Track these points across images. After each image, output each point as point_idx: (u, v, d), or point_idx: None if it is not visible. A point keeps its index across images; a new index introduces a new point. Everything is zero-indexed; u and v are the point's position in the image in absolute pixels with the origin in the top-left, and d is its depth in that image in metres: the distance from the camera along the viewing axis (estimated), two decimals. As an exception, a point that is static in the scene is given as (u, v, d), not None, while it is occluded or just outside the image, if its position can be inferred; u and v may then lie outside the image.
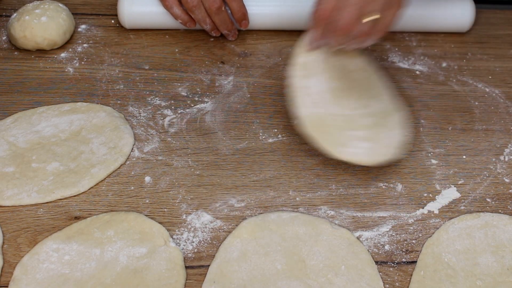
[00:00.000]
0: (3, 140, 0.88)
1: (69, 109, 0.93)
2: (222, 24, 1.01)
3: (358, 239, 0.78)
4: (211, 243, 0.77)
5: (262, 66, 1.05)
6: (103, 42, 1.08)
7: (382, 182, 0.85)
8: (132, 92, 0.98)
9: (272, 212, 0.81)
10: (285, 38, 1.10)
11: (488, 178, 0.86)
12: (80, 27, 1.11)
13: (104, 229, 0.77)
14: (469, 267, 0.75)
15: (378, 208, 0.82)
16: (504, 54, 1.08)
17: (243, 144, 0.91)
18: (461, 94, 1.00)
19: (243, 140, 0.91)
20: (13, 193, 0.81)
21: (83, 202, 0.81)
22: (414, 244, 0.78)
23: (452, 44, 1.10)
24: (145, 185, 0.84)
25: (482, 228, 0.79)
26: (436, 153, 0.90)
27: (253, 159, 0.88)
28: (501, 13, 1.18)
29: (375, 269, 0.74)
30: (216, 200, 0.82)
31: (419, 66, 1.06)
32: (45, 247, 0.75)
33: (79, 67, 1.03)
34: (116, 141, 0.88)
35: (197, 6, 0.99)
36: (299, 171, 0.87)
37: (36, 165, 0.85)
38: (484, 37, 1.12)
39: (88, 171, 0.84)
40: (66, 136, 0.89)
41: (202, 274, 0.74)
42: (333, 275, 0.73)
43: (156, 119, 0.94)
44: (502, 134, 0.93)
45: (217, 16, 0.99)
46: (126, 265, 0.74)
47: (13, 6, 1.16)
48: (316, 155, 0.87)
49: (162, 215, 0.80)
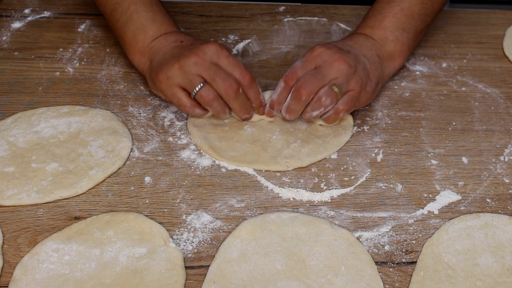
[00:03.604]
0: (3, 140, 0.88)
1: (67, 111, 0.93)
2: (242, 109, 0.89)
3: (358, 240, 0.78)
4: (211, 244, 0.77)
5: (262, 66, 1.05)
6: (103, 42, 1.08)
7: (382, 182, 0.85)
8: (132, 92, 0.99)
9: (272, 212, 0.81)
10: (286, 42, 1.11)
11: (488, 178, 0.86)
12: (80, 27, 1.11)
13: (104, 229, 0.77)
14: (469, 267, 0.75)
15: (378, 209, 0.82)
16: (504, 54, 1.08)
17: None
18: (461, 95, 1.00)
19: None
20: (13, 193, 0.81)
21: (83, 202, 0.81)
22: (414, 245, 0.78)
23: (452, 44, 1.10)
24: (145, 185, 0.84)
25: (482, 228, 0.79)
26: (436, 154, 0.90)
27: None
28: (501, 13, 1.18)
29: (375, 269, 0.74)
30: (216, 200, 0.82)
31: (419, 66, 1.06)
32: (45, 247, 0.75)
33: (79, 67, 1.03)
34: (114, 144, 0.88)
35: (215, 99, 0.86)
36: (299, 171, 0.87)
37: (35, 165, 0.85)
38: (484, 37, 1.12)
39: (86, 173, 0.84)
40: (65, 137, 0.89)
41: (202, 274, 0.74)
42: (333, 276, 0.73)
43: (156, 119, 0.94)
44: (502, 135, 0.93)
45: (236, 102, 0.87)
46: (126, 265, 0.74)
47: (13, 6, 1.16)
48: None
49: (162, 216, 0.80)
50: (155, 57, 0.91)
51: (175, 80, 0.86)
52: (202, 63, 0.85)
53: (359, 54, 0.90)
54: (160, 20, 0.94)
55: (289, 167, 0.86)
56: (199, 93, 0.85)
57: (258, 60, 1.06)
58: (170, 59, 0.88)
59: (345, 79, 0.86)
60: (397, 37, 0.95)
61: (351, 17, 1.16)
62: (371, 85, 0.89)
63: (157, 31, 0.93)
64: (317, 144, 0.89)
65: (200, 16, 1.16)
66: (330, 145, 0.89)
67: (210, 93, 0.85)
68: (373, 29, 0.95)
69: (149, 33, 0.93)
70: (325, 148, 0.89)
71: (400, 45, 0.95)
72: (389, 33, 0.95)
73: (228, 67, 0.86)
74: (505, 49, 1.09)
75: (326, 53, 0.87)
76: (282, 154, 0.87)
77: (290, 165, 0.86)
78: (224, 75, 0.85)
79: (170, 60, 0.87)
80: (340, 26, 1.14)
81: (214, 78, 0.85)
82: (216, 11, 1.17)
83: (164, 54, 0.90)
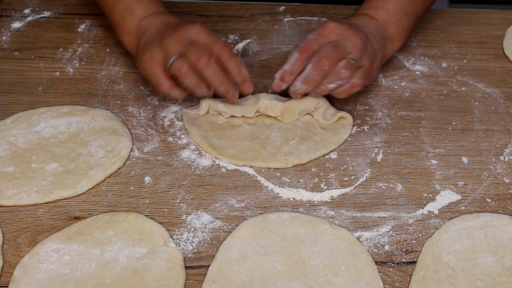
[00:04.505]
0: (4, 140, 0.88)
1: (67, 111, 0.93)
2: (217, 80, 0.85)
3: (358, 239, 0.78)
4: (211, 243, 0.77)
5: (262, 66, 1.05)
6: (103, 42, 1.08)
7: (382, 182, 0.85)
8: (132, 92, 0.99)
9: (272, 212, 0.81)
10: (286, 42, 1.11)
11: (488, 178, 0.86)
12: (80, 27, 1.11)
13: (104, 229, 0.77)
14: (469, 267, 0.75)
15: (378, 208, 0.82)
16: (504, 54, 1.08)
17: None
18: (461, 94, 1.00)
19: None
20: (13, 193, 0.81)
21: (83, 202, 0.81)
22: (414, 245, 0.78)
23: (452, 44, 1.10)
24: (145, 185, 0.84)
25: (482, 228, 0.79)
26: (436, 153, 0.90)
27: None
28: (501, 13, 1.18)
29: (375, 269, 0.74)
30: (216, 200, 0.82)
31: (419, 66, 1.06)
32: (45, 247, 0.75)
33: (79, 67, 1.03)
34: (114, 144, 0.88)
35: (188, 71, 0.84)
36: (299, 171, 0.87)
37: (35, 165, 0.85)
38: (484, 37, 1.12)
39: (86, 173, 0.84)
40: (65, 137, 0.89)
41: (202, 274, 0.74)
42: (333, 275, 0.73)
43: (156, 119, 0.94)
44: (502, 135, 0.93)
45: (208, 70, 0.83)
46: (125, 265, 0.74)
47: (13, 6, 1.16)
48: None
49: (162, 215, 0.80)
50: (142, 37, 0.92)
51: (155, 59, 0.86)
52: (180, 39, 0.85)
53: (367, 32, 0.91)
54: (147, 0, 0.95)
55: (288, 164, 0.86)
56: (172, 66, 0.84)
57: (258, 60, 1.06)
58: (154, 38, 0.88)
59: (360, 54, 0.86)
60: (399, 20, 0.96)
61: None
62: (377, 63, 0.91)
63: (144, 11, 0.94)
64: (315, 141, 0.89)
65: (200, 16, 1.16)
66: (328, 142, 0.89)
67: (184, 65, 0.84)
68: (376, 10, 0.96)
69: (136, 13, 0.94)
70: (324, 145, 0.89)
71: (401, 28, 0.96)
72: (392, 16, 0.96)
73: (207, 43, 0.85)
74: (505, 49, 1.09)
75: (340, 28, 0.87)
76: (281, 151, 0.87)
77: (289, 162, 0.87)
78: (199, 47, 0.84)
79: (154, 39, 0.88)
80: (340, 26, 1.14)
81: (189, 49, 0.84)
82: (216, 11, 1.17)
83: (149, 34, 0.91)
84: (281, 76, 0.86)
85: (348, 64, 0.85)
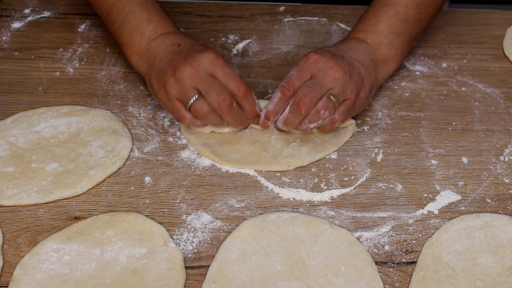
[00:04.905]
0: (3, 140, 0.88)
1: (67, 111, 0.93)
2: (236, 122, 0.88)
3: (358, 240, 0.78)
4: (211, 244, 0.77)
5: (263, 66, 1.05)
6: (103, 42, 1.08)
7: (382, 182, 0.85)
8: (132, 92, 0.99)
9: (272, 212, 0.81)
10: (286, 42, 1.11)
11: (488, 178, 0.86)
12: (80, 27, 1.11)
13: (104, 229, 0.77)
14: (469, 267, 0.75)
15: (378, 209, 0.82)
16: (504, 54, 1.08)
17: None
18: (461, 95, 1.00)
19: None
20: (13, 193, 0.81)
21: (83, 202, 0.81)
22: (414, 245, 0.78)
23: (452, 44, 1.10)
24: (145, 185, 0.84)
25: (482, 228, 0.79)
26: (436, 154, 0.90)
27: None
28: (501, 13, 1.18)
29: (375, 269, 0.74)
30: (216, 200, 0.82)
31: (419, 66, 1.06)
32: (45, 247, 0.75)
33: (79, 67, 1.03)
34: (114, 144, 0.88)
35: (209, 112, 0.85)
36: (299, 171, 0.87)
37: (35, 165, 0.85)
38: (484, 37, 1.12)
39: (86, 173, 0.84)
40: (65, 137, 0.89)
41: (202, 274, 0.74)
42: (333, 276, 0.73)
43: (156, 119, 0.94)
44: (502, 135, 0.93)
45: (229, 116, 0.86)
46: (126, 265, 0.74)
47: (13, 6, 1.16)
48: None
49: (162, 215, 0.80)
50: (153, 62, 0.90)
51: (173, 93, 0.85)
52: (197, 74, 0.84)
53: (353, 59, 0.89)
54: (156, 20, 0.94)
55: (290, 166, 0.87)
56: (193, 106, 0.85)
57: (258, 60, 1.06)
58: (166, 68, 0.87)
59: (341, 88, 0.85)
60: (391, 41, 0.94)
61: (351, 17, 1.16)
62: (364, 92, 0.89)
63: (153, 32, 0.92)
64: (316, 143, 0.89)
65: (200, 16, 1.16)
66: (329, 144, 0.89)
67: (204, 107, 0.84)
68: (366, 33, 0.94)
69: (145, 34, 0.92)
70: (325, 147, 0.89)
71: (394, 49, 0.94)
72: (383, 37, 0.93)
73: (223, 78, 0.85)
74: (505, 49, 1.09)
75: (321, 61, 0.86)
76: (283, 153, 0.87)
77: (291, 165, 0.87)
78: (219, 88, 0.84)
79: (166, 70, 0.86)
80: (340, 26, 1.14)
81: (208, 91, 0.84)
82: (216, 11, 1.17)
83: (161, 60, 0.89)
84: (265, 116, 0.88)
85: (327, 102, 0.84)
